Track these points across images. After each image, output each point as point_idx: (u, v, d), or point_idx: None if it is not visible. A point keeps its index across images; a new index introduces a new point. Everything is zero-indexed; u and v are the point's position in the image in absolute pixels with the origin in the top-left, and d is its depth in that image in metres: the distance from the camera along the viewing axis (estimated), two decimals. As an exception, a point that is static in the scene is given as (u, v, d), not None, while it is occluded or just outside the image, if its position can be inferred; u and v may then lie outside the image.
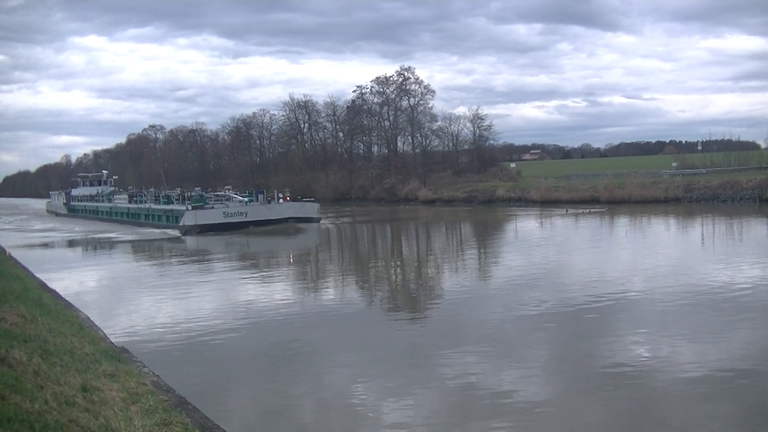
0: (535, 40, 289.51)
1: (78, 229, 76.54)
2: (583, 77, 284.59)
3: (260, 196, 68.37)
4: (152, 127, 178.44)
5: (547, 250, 39.77)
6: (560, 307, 23.05)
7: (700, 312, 21.48)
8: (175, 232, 63.08)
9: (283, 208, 66.41)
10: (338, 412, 14.41)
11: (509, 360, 17.36)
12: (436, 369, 16.84)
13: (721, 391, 14.37)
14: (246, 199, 68.22)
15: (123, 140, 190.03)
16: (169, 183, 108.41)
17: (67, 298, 23.98)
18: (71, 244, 61.01)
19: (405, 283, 32.77)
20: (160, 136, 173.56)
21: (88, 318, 20.17)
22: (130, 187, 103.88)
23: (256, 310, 24.93)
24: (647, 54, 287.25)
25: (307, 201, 72.38)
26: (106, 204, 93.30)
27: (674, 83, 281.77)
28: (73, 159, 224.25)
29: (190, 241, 56.27)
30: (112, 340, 17.66)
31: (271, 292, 29.60)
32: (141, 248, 54.59)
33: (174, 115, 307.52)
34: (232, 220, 61.84)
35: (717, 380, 14.98)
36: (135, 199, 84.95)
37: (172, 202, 73.94)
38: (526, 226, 58.73)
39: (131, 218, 79.33)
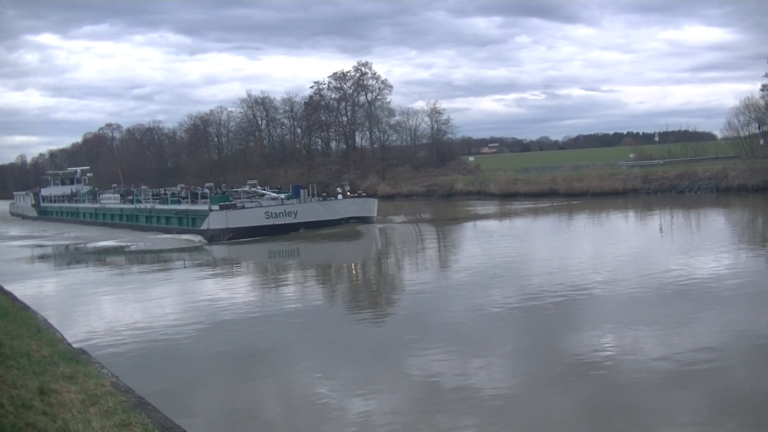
0: (494, 33, 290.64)
1: (68, 234, 65.97)
2: (542, 70, 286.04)
3: (302, 192, 56.58)
4: (109, 125, 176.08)
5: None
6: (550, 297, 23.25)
7: (663, 303, 21.81)
8: (195, 238, 52.08)
9: (344, 206, 55.25)
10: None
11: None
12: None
13: (686, 381, 14.62)
14: (282, 196, 57.07)
15: (79, 140, 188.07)
16: (127, 182, 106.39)
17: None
18: (68, 256, 50.54)
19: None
20: (117, 134, 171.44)
21: (46, 320, 19.98)
22: (114, 185, 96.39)
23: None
24: (607, 46, 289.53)
25: (364, 196, 61.76)
26: (90, 205, 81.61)
27: (633, 75, 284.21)
28: (29, 159, 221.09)
29: (220, 250, 45.94)
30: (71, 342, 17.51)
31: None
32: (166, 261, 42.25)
33: (131, 114, 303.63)
34: (278, 222, 51.03)
35: (682, 370, 15.23)
36: (130, 198, 72.38)
37: (179, 201, 62.80)
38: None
39: (126, 221, 68.59)
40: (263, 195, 59.49)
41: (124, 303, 27.84)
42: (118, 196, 77.01)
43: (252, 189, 62.03)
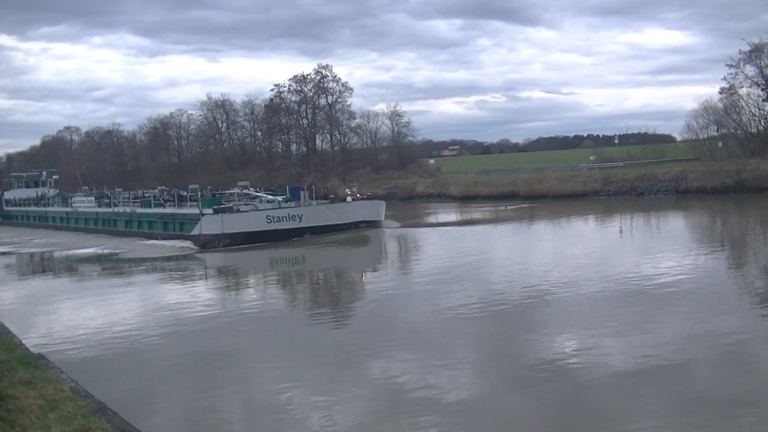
0: (455, 35, 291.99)
1: (38, 240, 61.75)
2: (503, 72, 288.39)
3: (301, 194, 52.52)
4: (67, 128, 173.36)
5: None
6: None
7: (624, 304, 21.95)
8: (185, 244, 47.73)
9: (354, 209, 51.61)
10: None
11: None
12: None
13: (649, 383, 14.64)
14: (280, 198, 53.63)
15: (37, 142, 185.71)
16: (86, 185, 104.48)
17: None
18: (37, 264, 47.09)
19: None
20: (76, 137, 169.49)
21: (3, 325, 19.73)
22: (85, 188, 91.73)
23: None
24: (567, 49, 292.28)
25: (372, 198, 58.02)
26: (60, 208, 76.84)
27: (593, 77, 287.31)
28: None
29: (215, 258, 42.25)
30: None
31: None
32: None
33: (90, 116, 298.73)
34: (281, 227, 47.11)
35: (645, 372, 15.27)
36: (106, 201, 67.24)
37: (163, 204, 58.13)
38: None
39: (103, 225, 63.83)
40: (256, 197, 55.83)
41: (87, 309, 27.49)
42: (93, 198, 72.06)
43: (244, 191, 58.48)
